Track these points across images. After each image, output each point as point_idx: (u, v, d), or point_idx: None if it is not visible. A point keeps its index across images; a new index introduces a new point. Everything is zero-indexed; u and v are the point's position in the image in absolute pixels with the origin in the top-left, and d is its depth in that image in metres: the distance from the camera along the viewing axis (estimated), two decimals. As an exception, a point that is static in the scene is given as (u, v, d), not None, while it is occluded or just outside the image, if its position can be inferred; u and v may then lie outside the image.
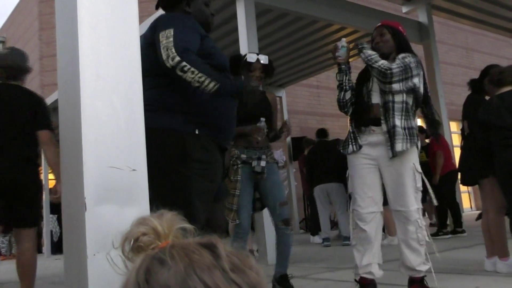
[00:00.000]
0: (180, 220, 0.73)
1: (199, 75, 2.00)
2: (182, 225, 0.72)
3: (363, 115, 3.00)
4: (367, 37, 7.11)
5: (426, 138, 7.28)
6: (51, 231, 10.20)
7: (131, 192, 1.60)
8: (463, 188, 8.11)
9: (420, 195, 2.89)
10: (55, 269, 5.91)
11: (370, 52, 2.93)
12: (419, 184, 2.86)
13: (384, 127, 2.89)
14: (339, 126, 12.58)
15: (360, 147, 2.96)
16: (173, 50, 2.00)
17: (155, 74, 2.14)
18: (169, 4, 2.38)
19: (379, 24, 3.19)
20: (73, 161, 1.60)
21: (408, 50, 3.05)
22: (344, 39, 3.17)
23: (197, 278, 0.60)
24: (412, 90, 2.91)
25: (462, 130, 4.21)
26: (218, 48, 2.38)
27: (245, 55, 3.43)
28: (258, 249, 5.76)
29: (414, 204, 2.84)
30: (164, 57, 2.02)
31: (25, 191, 3.25)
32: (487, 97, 4.04)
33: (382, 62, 2.85)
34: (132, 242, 0.69)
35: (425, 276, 2.91)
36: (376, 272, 2.96)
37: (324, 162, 7.00)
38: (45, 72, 12.60)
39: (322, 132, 7.56)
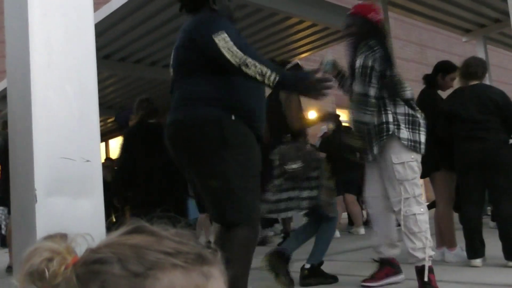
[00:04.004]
0: (68, 235, 0.67)
1: (260, 67, 2.13)
2: (76, 237, 0.66)
3: None
4: (325, 31, 7.19)
5: None
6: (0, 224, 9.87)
7: (84, 184, 1.56)
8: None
9: (406, 184, 2.90)
10: (4, 263, 5.71)
11: (365, 118, 2.94)
12: (400, 176, 2.90)
13: None
14: (297, 119, 12.70)
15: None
16: (236, 48, 2.16)
17: (192, 72, 2.28)
18: (198, 3, 2.45)
19: (352, 11, 3.14)
20: (23, 151, 1.54)
21: (376, 36, 3.00)
22: (329, 55, 3.22)
23: (152, 251, 0.58)
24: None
25: (416, 124, 4.32)
26: (249, 44, 2.47)
27: (296, 63, 3.72)
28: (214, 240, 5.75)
29: (397, 196, 2.92)
30: (228, 57, 2.15)
31: None
32: (439, 91, 4.17)
33: (364, 114, 2.93)
34: (42, 274, 0.61)
35: (424, 266, 2.81)
36: (385, 251, 3.14)
37: None
38: (-6, 58, 12.09)
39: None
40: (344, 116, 6.84)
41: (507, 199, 3.55)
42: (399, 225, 3.04)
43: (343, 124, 6.61)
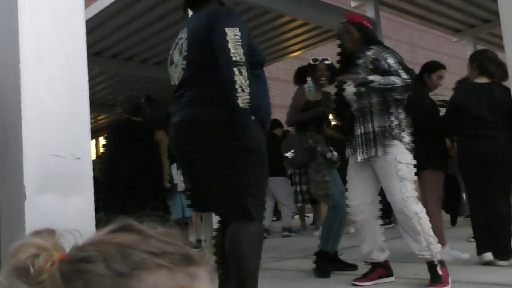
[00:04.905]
0: (56, 231, 0.67)
1: (246, 85, 2.09)
2: (64, 233, 0.66)
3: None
4: (317, 30, 7.21)
5: None
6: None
7: (75, 181, 1.55)
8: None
9: (406, 183, 2.94)
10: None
11: (377, 78, 2.95)
12: (402, 174, 2.93)
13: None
14: (288, 117, 12.71)
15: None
16: (242, 52, 2.11)
17: (209, 68, 2.20)
18: None
19: (345, 20, 3.28)
20: (12, 148, 1.53)
21: (376, 41, 3.18)
22: (309, 82, 3.63)
23: (137, 251, 0.57)
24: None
25: (406, 123, 4.34)
26: (257, 45, 2.48)
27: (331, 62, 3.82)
28: (205, 239, 5.76)
29: (397, 194, 2.92)
30: (231, 50, 2.10)
31: None
32: (429, 92, 4.19)
33: (396, 81, 2.94)
34: (27, 270, 0.61)
35: (436, 262, 2.91)
36: (377, 256, 3.17)
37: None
38: (-17, 54, 11.96)
39: (271, 123, 7.61)
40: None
41: (506, 200, 3.57)
42: (384, 224, 3.10)
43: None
